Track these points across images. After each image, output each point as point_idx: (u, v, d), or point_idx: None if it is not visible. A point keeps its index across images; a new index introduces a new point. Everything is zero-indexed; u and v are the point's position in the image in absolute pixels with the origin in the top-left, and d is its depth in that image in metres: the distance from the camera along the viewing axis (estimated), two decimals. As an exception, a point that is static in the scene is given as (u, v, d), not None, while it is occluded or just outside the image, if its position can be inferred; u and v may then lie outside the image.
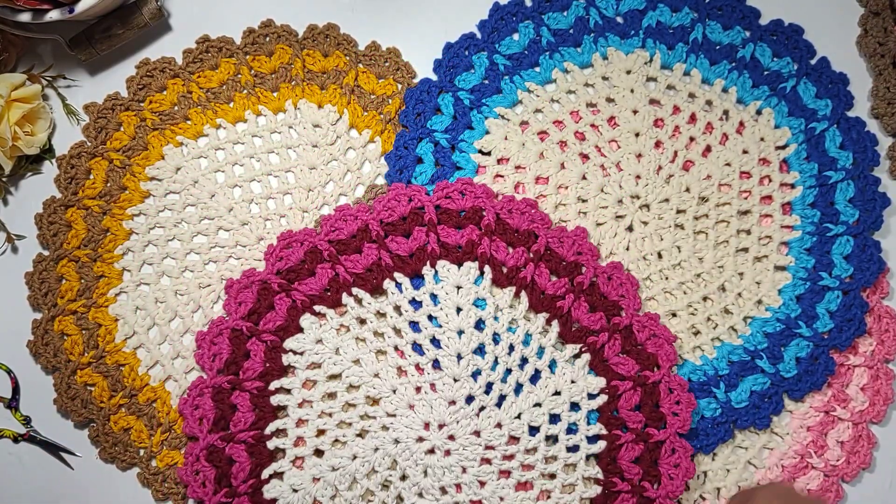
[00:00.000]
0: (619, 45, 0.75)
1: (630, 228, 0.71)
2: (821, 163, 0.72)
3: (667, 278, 0.70)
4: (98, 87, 0.76)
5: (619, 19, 0.76)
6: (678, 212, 0.71)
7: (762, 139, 0.72)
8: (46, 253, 0.72)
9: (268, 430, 0.66)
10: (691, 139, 0.73)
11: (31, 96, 0.72)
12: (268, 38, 0.75)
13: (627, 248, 0.71)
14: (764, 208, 0.71)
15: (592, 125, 0.73)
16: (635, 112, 0.73)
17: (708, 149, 0.73)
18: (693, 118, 0.73)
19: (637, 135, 0.73)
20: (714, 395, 0.67)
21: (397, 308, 0.68)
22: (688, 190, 0.72)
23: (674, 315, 0.70)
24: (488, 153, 0.73)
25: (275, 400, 0.67)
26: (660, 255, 0.71)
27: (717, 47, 0.75)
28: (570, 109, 0.73)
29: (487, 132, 0.73)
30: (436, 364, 0.68)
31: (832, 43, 0.75)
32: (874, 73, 0.75)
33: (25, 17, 0.69)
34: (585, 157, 0.73)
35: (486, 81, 0.74)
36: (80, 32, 0.74)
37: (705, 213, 0.71)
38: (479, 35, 0.76)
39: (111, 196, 0.73)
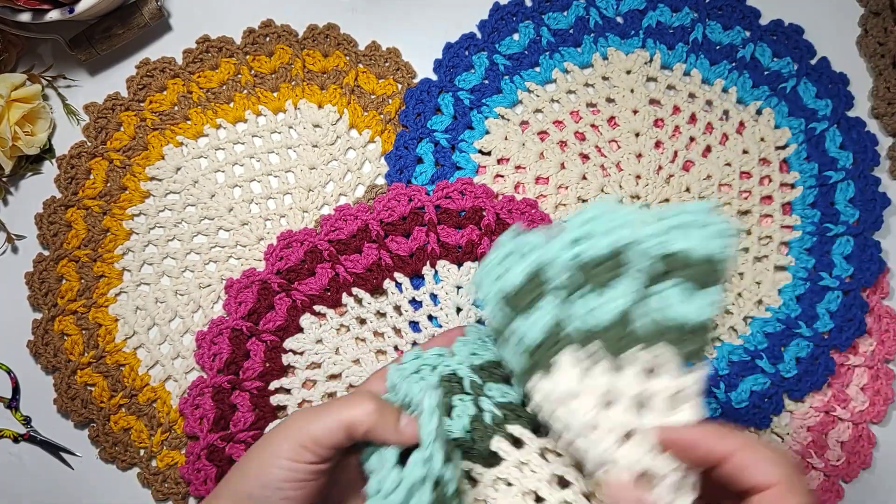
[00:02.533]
0: (620, 45, 0.75)
1: (630, 228, 0.71)
2: (821, 163, 0.72)
3: (667, 278, 0.70)
4: (98, 87, 0.76)
5: (619, 19, 0.76)
6: (678, 212, 0.71)
7: (762, 139, 0.72)
8: (46, 253, 0.72)
9: (267, 430, 0.66)
10: (691, 139, 0.73)
11: (32, 96, 0.72)
12: (268, 39, 0.75)
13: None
14: (764, 208, 0.71)
15: (592, 125, 0.73)
16: (635, 112, 0.73)
17: (708, 149, 0.73)
18: (693, 118, 0.73)
19: (637, 135, 0.73)
20: (714, 395, 0.67)
21: (397, 308, 0.68)
22: (688, 190, 0.72)
23: (674, 315, 0.70)
24: (488, 153, 0.73)
25: (274, 400, 0.67)
26: (660, 255, 0.71)
27: (718, 47, 0.75)
28: (570, 109, 0.73)
29: (487, 132, 0.73)
30: None
31: (832, 43, 0.75)
32: (874, 73, 0.75)
33: (25, 17, 0.69)
34: (586, 157, 0.73)
35: (486, 81, 0.74)
36: (81, 32, 0.74)
37: (705, 213, 0.71)
38: (479, 35, 0.76)
39: (111, 196, 0.73)
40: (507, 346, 0.47)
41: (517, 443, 0.47)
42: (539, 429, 0.48)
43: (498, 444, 0.47)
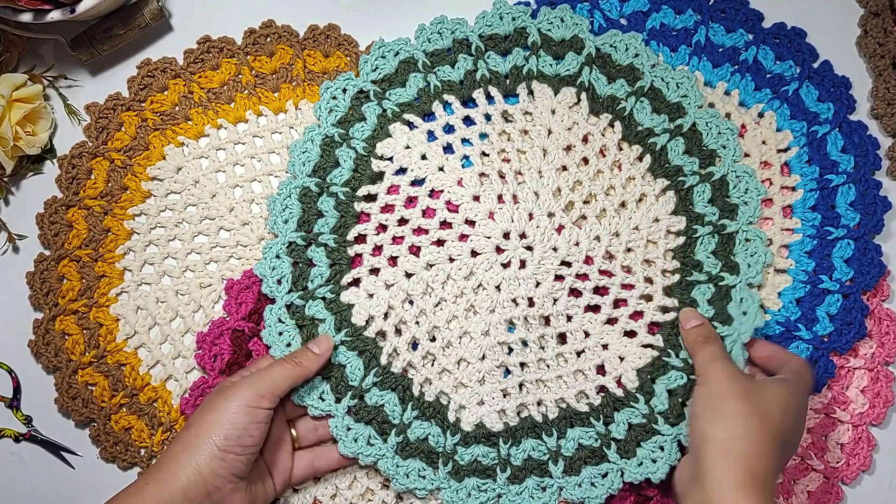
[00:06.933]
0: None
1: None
2: (822, 166, 0.72)
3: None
4: (99, 88, 0.76)
5: (623, 21, 0.76)
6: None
7: (764, 142, 0.72)
8: (48, 253, 0.72)
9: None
10: (692, 141, 0.73)
11: (33, 96, 0.72)
12: (269, 39, 0.75)
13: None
14: (764, 211, 0.71)
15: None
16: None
17: (709, 151, 0.73)
18: (695, 120, 0.73)
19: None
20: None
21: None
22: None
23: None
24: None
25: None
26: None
27: (720, 50, 0.75)
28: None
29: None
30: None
31: (832, 44, 0.75)
32: (874, 73, 0.75)
33: (27, 18, 0.69)
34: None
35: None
36: (82, 33, 0.74)
37: (706, 215, 0.71)
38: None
39: (112, 196, 0.73)
40: None
41: None
42: None
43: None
